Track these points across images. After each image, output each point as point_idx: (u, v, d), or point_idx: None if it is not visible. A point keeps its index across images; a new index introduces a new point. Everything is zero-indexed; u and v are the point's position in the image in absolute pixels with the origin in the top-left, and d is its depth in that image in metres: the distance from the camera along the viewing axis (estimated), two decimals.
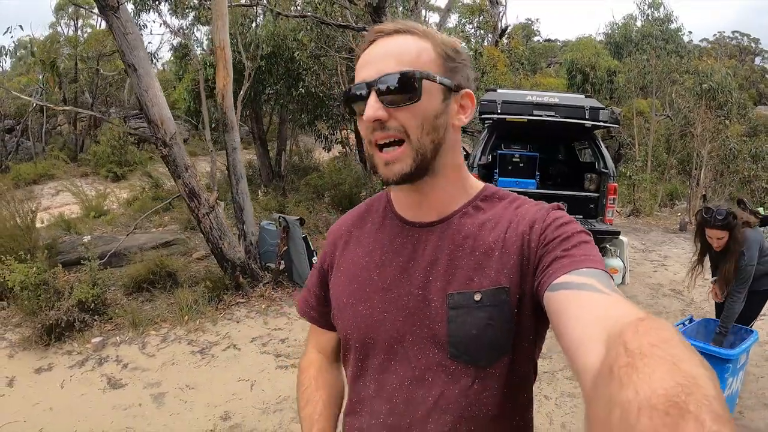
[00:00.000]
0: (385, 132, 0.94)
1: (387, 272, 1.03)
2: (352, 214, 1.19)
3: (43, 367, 4.75)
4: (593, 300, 0.75)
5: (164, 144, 5.45)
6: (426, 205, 1.04)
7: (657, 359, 0.51)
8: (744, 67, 31.85)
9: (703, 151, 15.01)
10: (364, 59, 0.98)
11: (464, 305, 0.95)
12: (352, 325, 1.05)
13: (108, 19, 5.17)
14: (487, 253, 0.97)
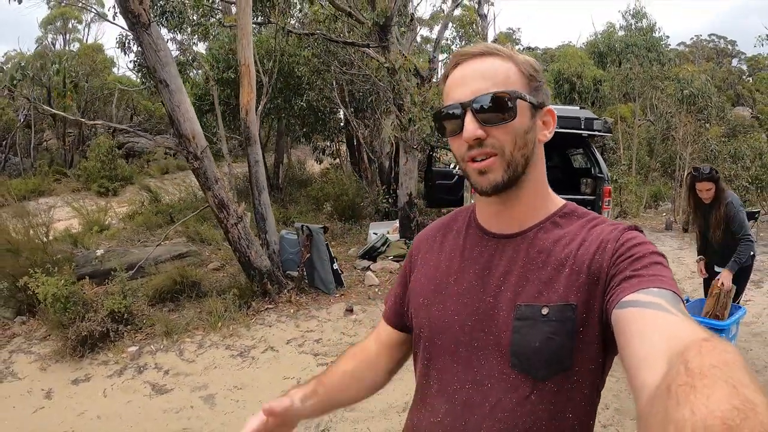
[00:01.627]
0: (481, 149, 0.99)
1: (463, 278, 1.08)
2: (438, 223, 1.25)
3: (80, 378, 4.86)
4: (658, 318, 0.75)
5: (195, 157, 5.62)
6: (508, 216, 1.07)
7: (717, 381, 0.51)
8: (722, 69, 32.67)
9: (685, 154, 15.46)
10: (454, 80, 1.03)
11: (531, 317, 0.96)
12: (424, 324, 1.11)
13: (139, 36, 5.32)
14: (558, 268, 0.99)
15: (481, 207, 1.14)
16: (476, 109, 0.98)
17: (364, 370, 1.29)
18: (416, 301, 1.16)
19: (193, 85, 12.15)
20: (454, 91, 1.02)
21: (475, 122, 0.98)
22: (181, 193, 13.31)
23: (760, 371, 4.74)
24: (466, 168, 1.04)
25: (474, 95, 0.98)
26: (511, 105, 0.98)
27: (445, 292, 1.09)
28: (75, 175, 18.79)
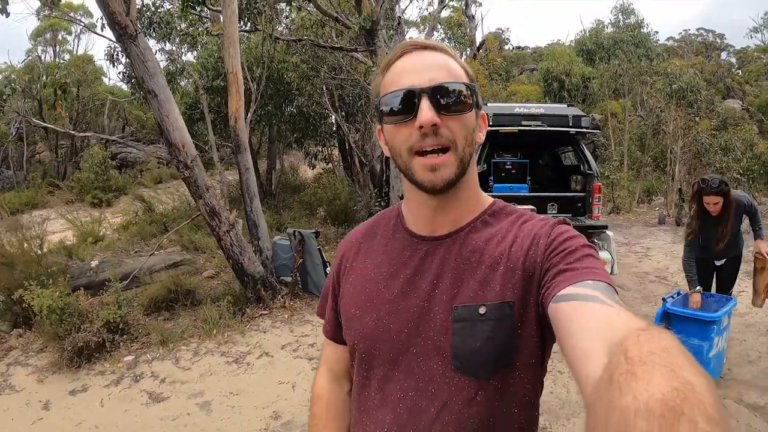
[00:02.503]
0: (436, 139, 0.94)
1: (394, 284, 1.05)
2: (361, 229, 1.21)
3: (77, 389, 4.88)
4: (597, 311, 0.76)
5: (186, 166, 5.66)
6: (442, 217, 1.05)
7: (656, 366, 0.52)
8: (711, 63, 32.81)
9: (676, 148, 15.56)
10: (404, 68, 0.99)
11: (469, 318, 0.95)
12: (358, 335, 1.07)
13: (127, 47, 5.35)
14: (493, 267, 0.98)
15: (412, 208, 1.09)
16: (433, 96, 0.94)
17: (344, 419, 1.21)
18: (348, 312, 1.11)
19: (183, 95, 12.20)
20: (404, 78, 0.97)
21: (432, 109, 0.93)
22: (175, 202, 13.32)
23: (754, 361, 4.82)
24: (411, 163, 0.97)
25: (432, 82, 0.95)
26: (468, 97, 0.98)
27: (376, 300, 1.06)
28: (68, 186, 18.78)
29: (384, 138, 1.06)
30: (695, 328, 4.28)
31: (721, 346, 4.45)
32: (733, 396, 4.16)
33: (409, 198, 1.10)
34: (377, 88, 1.05)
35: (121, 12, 5.21)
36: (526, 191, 8.10)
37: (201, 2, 8.42)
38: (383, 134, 1.06)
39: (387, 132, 1.02)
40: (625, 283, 7.58)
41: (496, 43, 19.43)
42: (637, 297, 6.95)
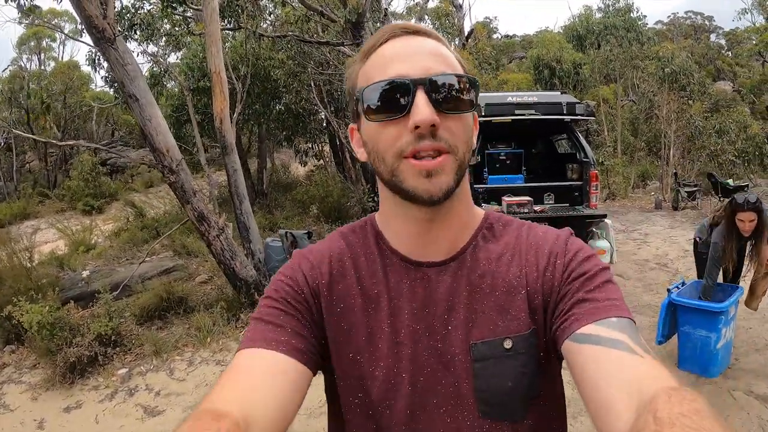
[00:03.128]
0: (434, 142, 0.78)
1: (399, 323, 0.87)
2: (333, 246, 0.95)
3: (71, 406, 4.78)
4: (625, 361, 0.70)
5: (171, 171, 5.54)
6: (436, 236, 0.88)
7: (685, 429, 0.52)
8: (700, 45, 32.90)
9: (670, 131, 15.56)
10: (392, 53, 0.81)
11: (492, 355, 0.83)
12: (360, 389, 0.87)
13: (105, 51, 5.24)
14: (510, 292, 0.86)
15: (396, 226, 0.90)
16: (431, 90, 0.78)
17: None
18: (344, 355, 0.88)
19: (168, 97, 12.09)
20: (392, 66, 0.79)
21: (430, 105, 0.77)
22: (166, 206, 13.24)
23: (761, 350, 4.74)
24: (400, 168, 0.79)
25: (429, 72, 0.78)
26: (470, 93, 0.82)
27: (381, 344, 0.86)
28: (59, 195, 18.69)
29: (360, 138, 0.88)
30: (702, 319, 4.20)
31: (729, 337, 4.37)
32: (743, 387, 4.09)
33: (391, 213, 0.90)
34: (354, 77, 0.87)
35: (98, 15, 5.09)
36: (522, 181, 8.00)
37: (182, 2, 8.25)
38: (359, 134, 0.88)
39: (368, 131, 0.83)
40: (626, 272, 7.51)
41: (485, 32, 19.31)
42: (638, 286, 6.87)
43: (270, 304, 0.86)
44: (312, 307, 0.87)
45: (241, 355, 0.80)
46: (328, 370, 0.90)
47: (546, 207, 7.42)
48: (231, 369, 0.78)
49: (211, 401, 0.71)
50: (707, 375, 4.25)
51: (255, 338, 0.81)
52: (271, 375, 0.77)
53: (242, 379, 0.76)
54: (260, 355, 0.79)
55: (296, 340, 0.82)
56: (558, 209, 7.50)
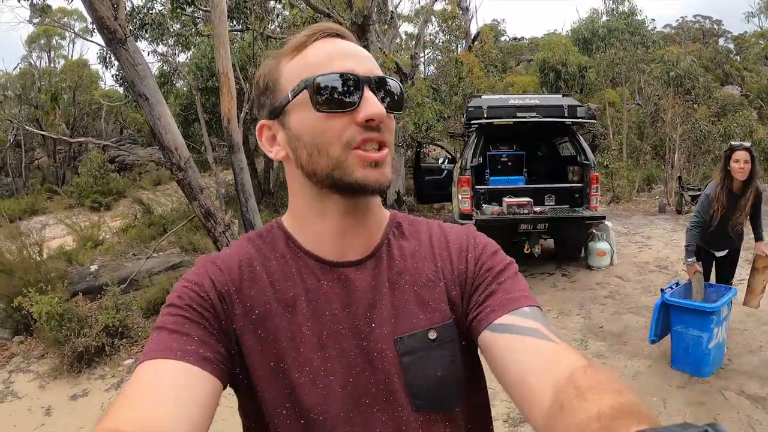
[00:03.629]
0: (381, 134, 0.81)
1: (320, 326, 0.84)
2: (240, 253, 0.90)
3: (78, 394, 4.93)
4: (542, 348, 0.74)
5: (179, 168, 5.66)
6: (353, 233, 0.88)
7: (604, 389, 0.58)
8: (708, 49, 32.77)
9: (675, 135, 15.58)
10: (333, 50, 0.83)
11: (418, 348, 0.84)
12: (287, 399, 0.82)
13: (116, 51, 5.36)
14: (428, 285, 0.89)
15: (312, 227, 0.89)
16: (378, 88, 0.82)
17: None
18: (264, 365, 0.82)
19: (177, 96, 12.23)
20: (336, 62, 0.81)
21: (378, 100, 0.80)
22: (174, 203, 13.36)
23: (755, 351, 4.79)
24: (347, 158, 0.80)
25: (372, 73, 0.82)
26: (403, 96, 0.88)
27: (303, 348, 0.83)
28: (67, 191, 18.84)
29: (279, 137, 0.87)
30: (694, 318, 4.27)
31: (721, 337, 4.43)
32: (734, 387, 4.14)
33: (309, 214, 0.88)
34: (275, 73, 0.86)
35: (110, 17, 5.21)
36: (523, 183, 8.16)
37: (190, 3, 8.40)
38: (283, 130, 0.86)
39: (306, 124, 0.81)
40: (625, 274, 7.57)
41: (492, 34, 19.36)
42: (637, 287, 6.94)
43: (173, 312, 0.80)
44: (220, 314, 0.82)
45: (144, 368, 0.73)
46: (243, 385, 0.84)
47: (546, 208, 7.52)
48: (133, 383, 0.71)
49: (112, 421, 0.64)
50: (699, 374, 4.31)
51: (158, 348, 0.75)
52: (177, 389, 0.71)
53: (146, 395, 0.69)
54: (165, 366, 0.73)
55: (203, 349, 0.76)
56: (557, 210, 7.60)
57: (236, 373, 0.83)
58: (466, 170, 7.34)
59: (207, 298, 0.82)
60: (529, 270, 7.94)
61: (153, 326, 0.80)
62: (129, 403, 0.68)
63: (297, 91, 0.81)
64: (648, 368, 4.62)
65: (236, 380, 0.84)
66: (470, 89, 11.78)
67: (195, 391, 0.72)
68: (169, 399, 0.69)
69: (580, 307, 6.33)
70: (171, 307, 0.80)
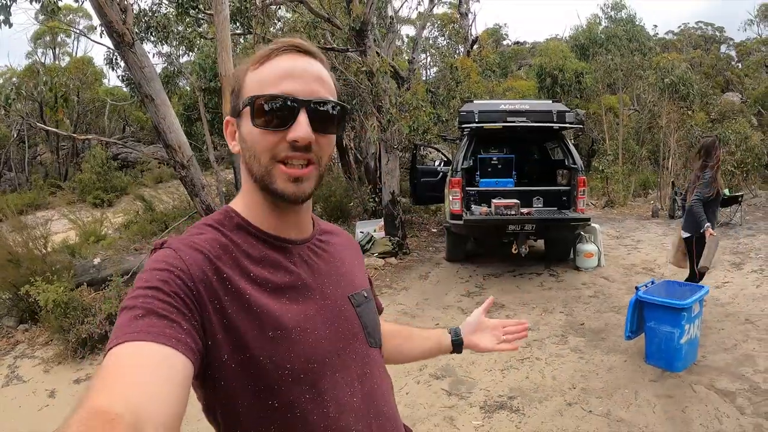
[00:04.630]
0: (306, 153, 0.94)
1: (297, 292, 0.99)
2: (209, 241, 0.95)
3: (81, 378, 5.17)
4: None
5: (182, 166, 5.90)
6: (299, 222, 1.06)
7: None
8: (710, 56, 32.89)
9: (671, 141, 15.79)
10: (283, 70, 0.94)
11: (362, 302, 1.11)
12: (288, 360, 0.93)
13: (124, 54, 5.58)
14: (349, 261, 1.17)
15: (263, 213, 1.01)
16: (312, 111, 0.93)
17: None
18: (262, 338, 0.91)
19: (181, 96, 12.44)
20: (284, 83, 0.93)
21: (308, 124, 0.92)
22: (175, 201, 13.51)
23: (729, 349, 5.01)
24: (273, 171, 0.94)
25: (312, 95, 0.94)
26: (342, 119, 1.00)
27: (290, 314, 0.95)
28: (70, 187, 18.97)
29: (237, 133, 1.01)
30: (666, 315, 4.50)
31: (693, 333, 4.65)
32: (705, 382, 4.35)
33: (258, 203, 1.01)
34: (241, 77, 1.00)
35: (119, 21, 5.43)
36: (512, 185, 8.39)
37: (195, 7, 8.63)
38: (238, 130, 1.01)
39: (248, 132, 0.95)
40: (612, 275, 7.80)
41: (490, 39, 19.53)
42: (622, 288, 7.15)
43: (160, 297, 0.82)
44: (204, 304, 0.87)
45: (131, 348, 0.75)
46: (230, 367, 0.89)
47: (532, 210, 7.74)
48: (118, 363, 0.74)
49: (98, 397, 0.67)
50: (672, 369, 4.54)
51: (150, 332, 0.77)
52: (165, 371, 0.74)
53: (133, 375, 0.72)
54: (155, 350, 0.75)
55: (190, 339, 0.81)
56: (544, 212, 7.83)
57: (224, 360, 0.88)
58: (457, 172, 7.58)
59: (193, 288, 0.86)
60: (517, 270, 8.18)
61: (128, 305, 0.81)
62: (120, 380, 0.70)
63: (245, 105, 0.95)
64: (623, 363, 4.85)
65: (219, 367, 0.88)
66: (467, 93, 11.99)
67: (178, 375, 0.75)
68: (158, 381, 0.72)
69: (563, 306, 6.55)
70: (156, 291, 0.82)
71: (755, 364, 4.68)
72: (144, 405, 0.67)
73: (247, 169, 0.99)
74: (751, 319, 5.76)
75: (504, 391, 4.41)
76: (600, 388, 4.40)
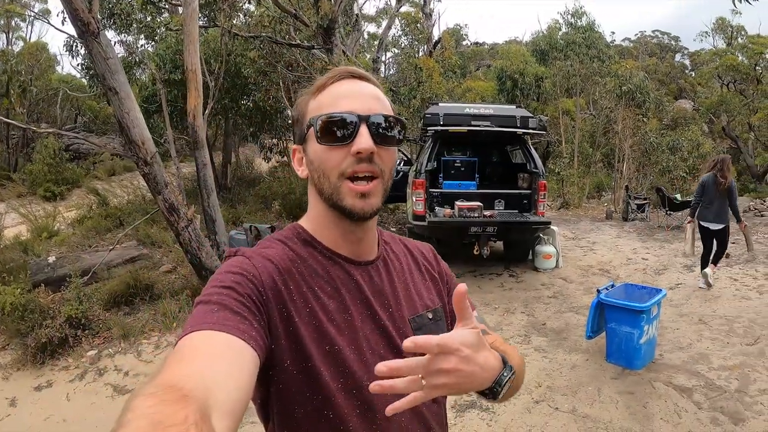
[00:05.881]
0: (370, 165, 0.98)
1: (357, 311, 1.03)
2: (280, 254, 1.02)
3: (42, 384, 5.00)
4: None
5: (146, 163, 5.74)
6: (365, 241, 1.08)
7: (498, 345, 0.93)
8: (665, 64, 33.98)
9: (625, 146, 16.23)
10: (340, 93, 1.01)
11: (423, 325, 1.09)
12: (342, 375, 0.97)
13: (88, 44, 5.39)
14: (416, 281, 1.16)
15: (331, 232, 1.06)
16: (372, 125, 0.98)
17: None
18: (319, 350, 0.96)
19: (141, 87, 12.14)
20: (341, 102, 1.00)
21: (370, 136, 0.97)
22: (129, 195, 13.22)
23: (685, 348, 5.26)
24: (341, 187, 0.99)
25: (371, 111, 0.99)
26: (400, 131, 1.04)
27: (348, 331, 1.00)
28: (20, 179, 18.27)
29: (304, 159, 1.07)
30: (626, 316, 4.69)
31: (652, 334, 4.88)
32: (663, 379, 4.56)
33: (326, 222, 1.07)
34: (303, 107, 1.06)
35: (84, 9, 5.24)
36: (475, 188, 8.52)
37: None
38: (305, 154, 1.07)
39: (315, 153, 1.01)
40: (570, 276, 8.01)
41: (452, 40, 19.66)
42: (580, 289, 7.36)
43: (234, 296, 0.88)
44: (272, 312, 0.93)
45: (207, 335, 0.80)
46: (290, 373, 0.94)
47: (495, 212, 7.88)
48: (192, 347, 0.78)
49: (170, 375, 0.69)
50: (631, 367, 4.74)
51: (225, 324, 0.81)
52: (237, 360, 0.78)
53: (209, 357, 0.76)
54: (229, 340, 0.80)
55: (259, 337, 0.86)
56: (506, 215, 7.98)
57: (287, 365, 0.94)
58: (421, 174, 7.65)
59: (263, 293, 0.93)
60: (478, 270, 8.31)
61: (202, 300, 0.88)
62: (188, 362, 0.74)
63: (308, 126, 1.03)
64: (585, 361, 5.02)
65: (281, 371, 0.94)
66: (429, 93, 12.07)
67: (248, 366, 0.80)
68: (229, 367, 0.76)
69: (525, 306, 6.70)
70: (231, 291, 0.89)
71: (709, 361, 4.92)
72: (213, 389, 0.69)
73: (316, 190, 1.04)
74: (704, 319, 6.05)
75: None
76: (564, 385, 4.54)
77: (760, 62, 23.43)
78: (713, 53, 27.28)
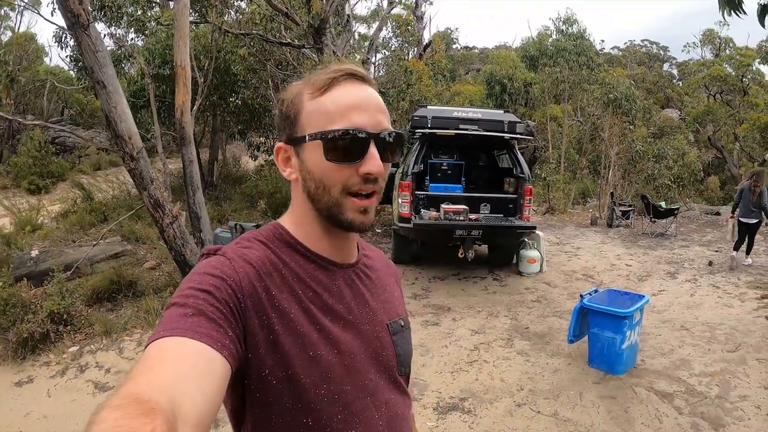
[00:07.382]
0: (375, 185, 0.98)
1: (339, 315, 1.01)
2: (261, 256, 0.98)
3: (23, 380, 4.92)
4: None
5: (132, 158, 5.69)
6: (347, 246, 1.08)
7: None
8: (653, 73, 34.31)
9: (611, 153, 16.34)
10: (350, 101, 0.96)
11: (399, 330, 1.11)
12: (325, 380, 0.95)
13: (78, 36, 5.33)
14: (390, 289, 1.17)
15: (315, 235, 1.04)
16: (381, 142, 0.96)
17: None
18: (301, 356, 0.93)
19: (129, 81, 12.06)
20: (351, 115, 0.95)
21: (379, 157, 0.95)
22: (115, 190, 13.13)
23: (666, 354, 5.32)
24: (344, 201, 0.97)
25: (379, 127, 0.96)
26: (401, 146, 1.01)
27: (331, 335, 0.97)
28: (5, 171, 18.07)
29: (293, 161, 1.03)
30: (609, 322, 4.73)
31: (634, 339, 4.92)
32: (645, 384, 4.61)
33: (309, 226, 1.04)
34: (298, 104, 1.00)
35: (75, 0, 5.20)
36: (461, 191, 8.57)
37: None
38: (296, 158, 1.02)
39: (317, 166, 0.97)
40: (553, 281, 8.06)
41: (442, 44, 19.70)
42: (563, 294, 7.40)
43: (210, 300, 0.84)
44: (252, 319, 0.90)
45: (177, 342, 0.77)
46: (271, 381, 0.92)
47: (480, 216, 7.91)
48: (164, 352, 0.76)
49: (135, 386, 0.67)
50: (613, 372, 4.78)
51: (198, 331, 0.79)
52: (207, 371, 0.75)
53: (173, 368, 0.73)
54: (200, 348, 0.77)
55: (233, 346, 0.83)
56: (491, 219, 8.01)
57: (265, 374, 0.91)
58: (408, 176, 7.66)
59: (242, 300, 0.89)
60: (462, 273, 8.34)
61: (177, 302, 0.84)
62: (156, 372, 0.71)
63: (313, 137, 0.96)
64: (567, 365, 5.05)
65: (259, 380, 0.91)
66: (418, 96, 12.10)
67: (219, 377, 0.77)
68: (198, 378, 0.73)
69: (508, 310, 6.73)
70: (208, 295, 0.85)
71: (691, 367, 4.99)
72: (181, 401, 0.68)
73: (308, 197, 1.00)
74: (686, 326, 6.13)
75: (455, 393, 4.52)
76: (547, 389, 4.57)
77: (747, 74, 23.82)
78: (701, 64, 27.66)
